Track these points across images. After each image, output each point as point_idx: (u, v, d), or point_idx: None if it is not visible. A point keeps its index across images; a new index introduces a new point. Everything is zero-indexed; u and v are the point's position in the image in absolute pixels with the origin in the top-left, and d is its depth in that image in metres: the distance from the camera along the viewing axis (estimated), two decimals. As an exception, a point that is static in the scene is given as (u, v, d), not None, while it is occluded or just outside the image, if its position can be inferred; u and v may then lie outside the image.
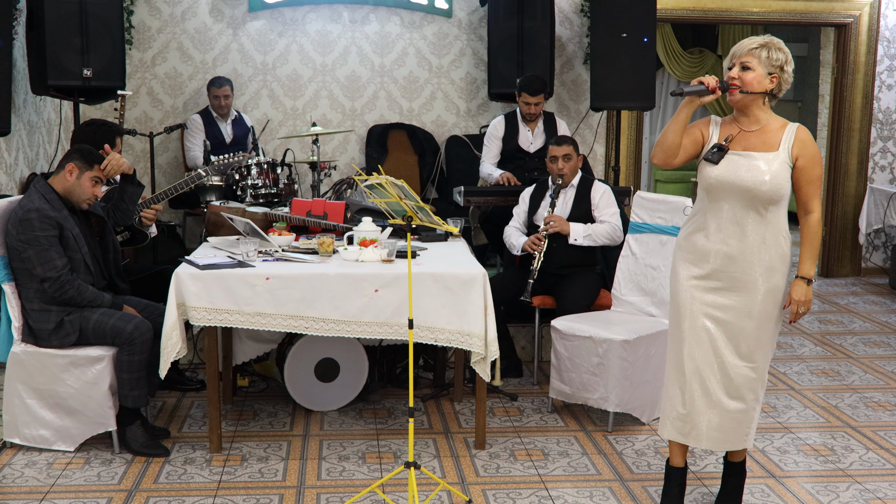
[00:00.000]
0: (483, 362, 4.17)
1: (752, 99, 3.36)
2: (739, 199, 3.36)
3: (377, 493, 3.82)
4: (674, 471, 3.65)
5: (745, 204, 3.36)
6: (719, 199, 3.40)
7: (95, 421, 4.21)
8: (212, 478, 4.00)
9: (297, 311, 4.11)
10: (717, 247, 3.41)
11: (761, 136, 3.38)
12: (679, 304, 3.49)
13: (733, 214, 3.39)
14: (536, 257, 5.11)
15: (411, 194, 3.73)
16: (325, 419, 4.74)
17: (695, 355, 3.44)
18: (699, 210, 3.50)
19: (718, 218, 3.41)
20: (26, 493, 3.83)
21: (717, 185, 3.38)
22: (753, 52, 3.32)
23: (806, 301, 3.46)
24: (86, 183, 4.24)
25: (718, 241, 3.41)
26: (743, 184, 3.33)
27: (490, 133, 6.28)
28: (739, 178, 3.34)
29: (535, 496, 3.85)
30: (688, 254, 3.49)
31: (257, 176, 5.61)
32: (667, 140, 3.38)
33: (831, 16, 8.07)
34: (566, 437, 4.52)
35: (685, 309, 3.46)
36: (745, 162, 3.35)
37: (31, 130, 6.40)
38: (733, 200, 3.37)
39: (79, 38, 5.90)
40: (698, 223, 3.48)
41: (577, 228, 5.16)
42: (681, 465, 3.64)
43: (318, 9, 7.44)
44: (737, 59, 3.35)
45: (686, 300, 3.46)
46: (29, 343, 4.20)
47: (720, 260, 3.41)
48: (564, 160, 5.22)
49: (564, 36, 7.62)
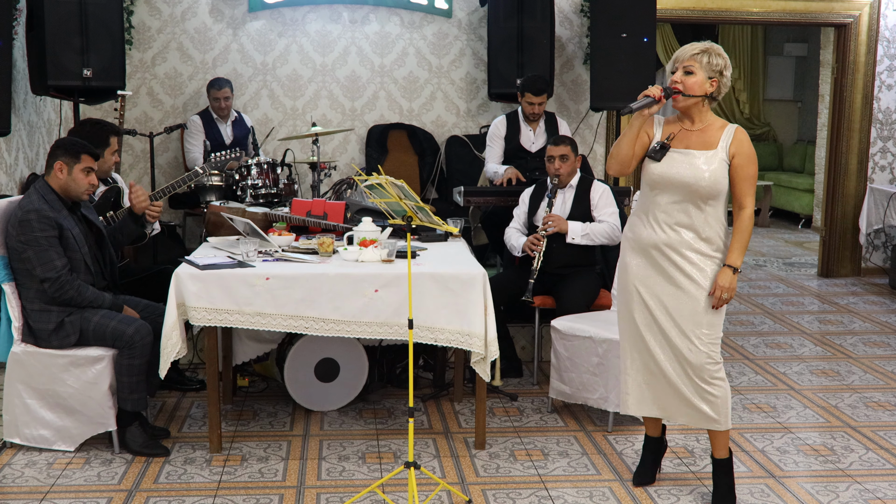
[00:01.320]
0: (483, 362, 4.17)
1: (693, 102, 3.57)
2: (679, 193, 3.59)
3: (377, 493, 3.82)
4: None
5: (685, 198, 3.59)
6: (661, 193, 3.63)
7: (95, 421, 4.21)
8: (212, 478, 4.01)
9: (297, 312, 4.11)
10: (657, 238, 3.65)
11: (701, 136, 3.60)
12: (626, 291, 3.77)
13: (672, 207, 3.62)
14: (536, 257, 5.11)
15: (411, 194, 3.73)
16: (325, 419, 4.74)
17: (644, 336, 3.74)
18: (642, 203, 3.74)
19: (658, 210, 3.65)
20: (26, 493, 3.84)
21: (660, 181, 3.61)
22: (695, 57, 3.52)
23: (730, 288, 3.59)
24: (78, 176, 4.22)
25: (659, 232, 3.64)
26: (683, 179, 3.56)
27: (492, 132, 6.29)
28: (680, 174, 3.56)
29: (534, 496, 3.85)
30: (633, 243, 3.74)
31: (257, 176, 5.61)
32: (621, 152, 3.61)
33: (831, 16, 8.07)
34: (566, 437, 4.52)
35: (632, 295, 3.74)
36: (685, 159, 3.58)
37: (31, 130, 6.41)
38: (674, 195, 3.60)
39: (79, 39, 5.90)
40: (641, 216, 3.72)
41: (574, 227, 5.16)
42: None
43: (317, 9, 7.44)
44: (679, 63, 3.56)
45: (632, 287, 3.74)
46: (29, 343, 4.20)
47: (661, 249, 3.64)
48: (561, 160, 5.22)
49: (564, 36, 7.62)
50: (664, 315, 3.67)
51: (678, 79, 3.55)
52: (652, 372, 3.75)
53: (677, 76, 3.56)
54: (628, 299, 3.77)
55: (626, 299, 3.78)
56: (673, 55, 3.61)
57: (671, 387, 3.70)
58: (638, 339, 3.76)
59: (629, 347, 3.81)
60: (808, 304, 7.48)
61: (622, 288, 3.81)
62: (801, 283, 8.26)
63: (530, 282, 5.08)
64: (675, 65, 3.58)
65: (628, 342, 3.81)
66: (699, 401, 3.65)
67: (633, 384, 3.81)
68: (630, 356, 3.81)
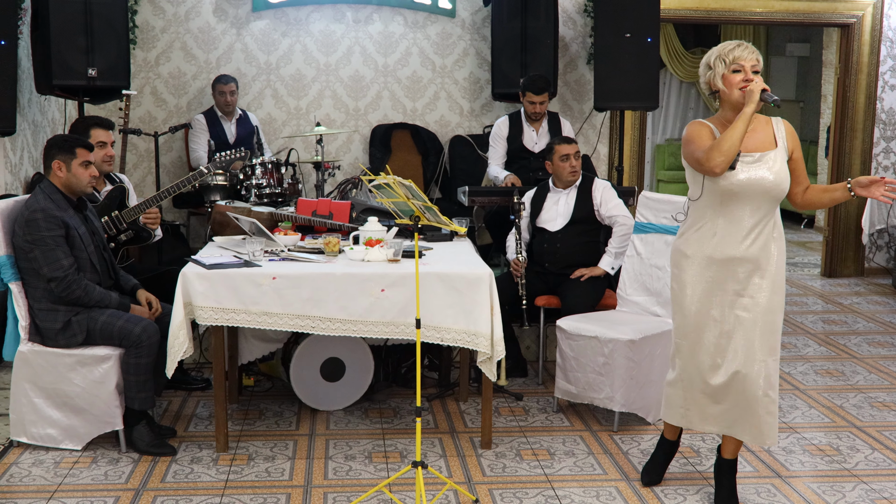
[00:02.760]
0: (489, 362, 4.18)
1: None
2: (756, 200, 3.44)
3: (384, 493, 3.83)
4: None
5: (760, 205, 3.45)
6: (736, 202, 3.46)
7: (102, 420, 4.21)
8: (219, 477, 4.01)
9: (304, 311, 4.11)
10: (735, 251, 3.48)
11: (758, 136, 3.49)
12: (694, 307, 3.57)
13: (748, 216, 3.46)
14: (519, 283, 5.13)
15: (419, 194, 3.74)
16: (331, 419, 4.75)
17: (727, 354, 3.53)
18: (705, 216, 3.54)
19: (735, 221, 3.47)
20: (34, 492, 3.84)
21: (739, 189, 3.43)
22: (758, 58, 3.46)
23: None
24: (78, 171, 4.20)
25: (738, 245, 3.47)
26: (762, 185, 3.42)
27: (495, 133, 6.29)
28: (760, 178, 3.41)
29: (541, 496, 3.85)
30: (700, 260, 3.54)
31: (261, 176, 5.61)
32: (734, 147, 3.35)
33: (834, 16, 8.07)
34: (572, 437, 4.53)
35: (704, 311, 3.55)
36: (759, 163, 3.43)
37: (36, 130, 6.41)
38: (750, 203, 3.44)
39: (83, 38, 5.91)
40: (708, 230, 3.53)
41: (605, 262, 5.20)
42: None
43: (321, 8, 7.44)
44: (745, 62, 3.42)
45: (703, 303, 3.55)
46: (36, 342, 4.20)
47: (734, 264, 3.48)
48: (576, 157, 5.24)
49: (568, 36, 7.62)
50: (740, 328, 3.51)
51: (752, 78, 3.42)
52: (724, 386, 3.55)
53: (748, 75, 3.42)
54: (698, 315, 3.57)
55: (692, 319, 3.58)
56: (720, 52, 3.46)
57: (746, 401, 3.53)
58: (707, 353, 3.56)
59: (695, 362, 3.60)
60: (811, 304, 7.48)
61: (686, 305, 3.60)
62: (805, 284, 8.26)
63: (522, 308, 5.12)
64: (739, 63, 3.42)
65: (693, 355, 3.60)
66: (766, 414, 3.53)
67: (692, 399, 3.65)
68: (696, 370, 3.61)
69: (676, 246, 3.67)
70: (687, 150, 3.52)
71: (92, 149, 4.30)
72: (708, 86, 3.54)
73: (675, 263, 3.66)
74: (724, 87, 3.47)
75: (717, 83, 3.49)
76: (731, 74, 3.44)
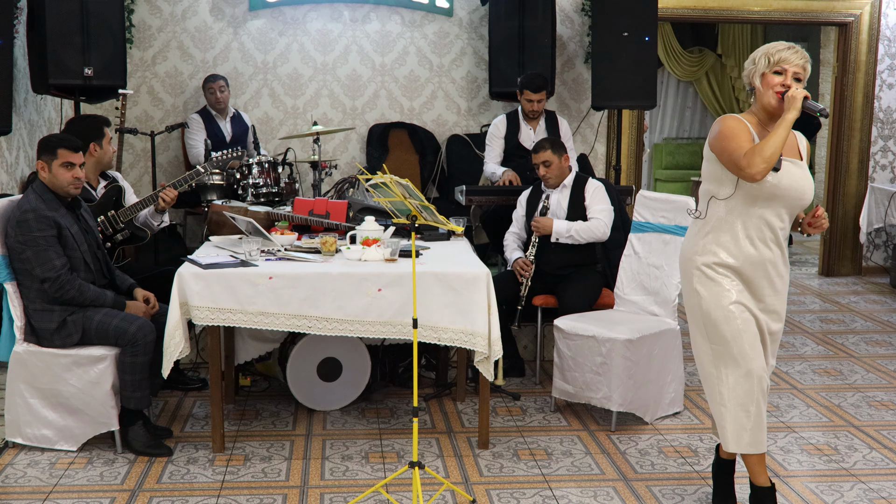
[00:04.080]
0: (486, 362, 4.17)
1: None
2: (787, 206, 3.35)
3: (381, 493, 3.81)
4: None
5: (788, 211, 3.37)
6: (771, 206, 3.34)
7: (98, 420, 4.20)
8: (215, 477, 4.00)
9: (300, 311, 4.10)
10: (763, 255, 3.38)
11: (789, 144, 3.38)
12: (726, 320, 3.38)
13: (778, 221, 3.37)
14: (524, 283, 5.12)
15: (416, 193, 3.72)
16: (328, 419, 4.73)
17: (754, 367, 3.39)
18: (731, 217, 3.37)
19: (765, 225, 3.36)
20: (29, 493, 3.82)
21: (777, 193, 3.31)
22: (805, 65, 3.31)
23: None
24: (58, 172, 4.16)
25: (766, 249, 3.38)
26: (796, 191, 3.33)
27: (492, 132, 6.28)
28: (794, 185, 3.32)
29: (538, 496, 3.84)
30: (725, 264, 3.38)
31: (258, 175, 5.60)
32: (776, 155, 3.19)
33: (832, 15, 8.06)
34: (569, 437, 4.52)
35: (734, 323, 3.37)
36: (794, 168, 3.34)
37: (32, 129, 6.39)
38: (784, 208, 3.36)
39: (80, 37, 5.89)
40: (736, 231, 3.37)
41: (559, 227, 5.13)
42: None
43: (318, 8, 7.42)
44: (789, 66, 3.29)
45: (737, 307, 3.38)
46: (31, 343, 4.19)
47: (763, 266, 3.39)
48: (545, 166, 5.22)
49: (565, 35, 7.61)
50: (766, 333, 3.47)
51: (790, 84, 3.28)
52: (763, 392, 3.43)
53: (788, 80, 3.29)
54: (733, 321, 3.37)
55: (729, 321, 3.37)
56: (768, 50, 3.32)
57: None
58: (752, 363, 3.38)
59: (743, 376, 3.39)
60: (809, 303, 7.47)
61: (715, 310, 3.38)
62: (802, 282, 8.26)
63: (518, 308, 5.11)
64: (782, 66, 3.29)
65: (734, 367, 3.39)
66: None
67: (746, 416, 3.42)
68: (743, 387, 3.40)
69: (696, 248, 3.45)
70: (722, 145, 3.33)
71: (78, 149, 4.23)
72: (748, 81, 3.40)
73: (696, 266, 3.43)
74: (760, 85, 3.34)
75: (755, 80, 3.36)
76: (772, 75, 3.31)
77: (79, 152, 4.22)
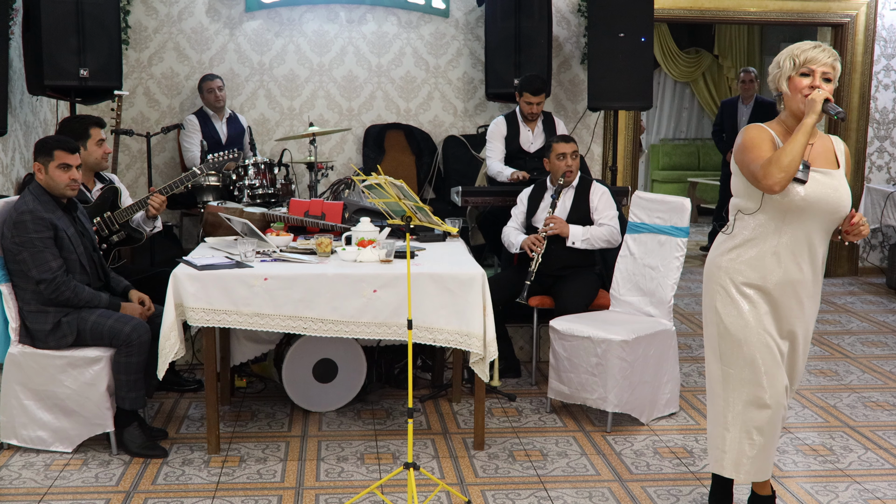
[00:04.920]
0: (482, 363, 4.17)
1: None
2: (820, 220, 3.16)
3: (376, 494, 3.81)
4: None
5: (822, 225, 3.18)
6: (800, 220, 3.16)
7: (93, 422, 4.20)
8: (210, 479, 3.99)
9: (296, 312, 4.10)
10: (793, 274, 3.21)
11: (820, 151, 3.21)
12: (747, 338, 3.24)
13: (812, 237, 3.19)
14: (535, 258, 5.10)
15: (410, 194, 3.72)
16: (324, 420, 4.73)
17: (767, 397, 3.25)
18: (764, 234, 3.21)
19: (795, 241, 3.19)
20: (24, 495, 3.82)
21: (805, 206, 3.12)
22: (835, 64, 3.13)
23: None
24: (55, 173, 4.16)
25: (796, 268, 3.21)
26: (829, 204, 3.14)
27: (493, 131, 6.27)
28: (828, 197, 3.13)
29: (534, 497, 3.84)
30: (751, 283, 3.23)
31: (254, 176, 5.60)
32: (795, 163, 3.03)
33: (828, 15, 8.07)
34: (565, 438, 4.52)
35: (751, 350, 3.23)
36: (826, 179, 3.14)
37: (28, 131, 6.39)
38: (813, 222, 3.16)
39: (75, 38, 5.88)
40: (764, 248, 3.21)
41: (575, 231, 5.15)
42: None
43: (315, 9, 7.43)
44: (817, 66, 3.11)
45: (756, 332, 3.23)
46: (26, 344, 4.19)
47: (792, 287, 3.22)
48: (573, 157, 5.22)
49: (561, 36, 7.62)
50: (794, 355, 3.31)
51: (820, 85, 3.10)
52: (773, 424, 3.28)
53: (817, 81, 3.11)
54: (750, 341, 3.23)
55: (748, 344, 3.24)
56: (793, 51, 3.15)
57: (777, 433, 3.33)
58: (757, 384, 3.24)
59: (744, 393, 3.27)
60: (805, 303, 7.47)
61: (737, 331, 3.25)
62: (799, 283, 8.25)
63: (526, 283, 5.06)
64: (809, 66, 3.11)
65: (743, 385, 3.26)
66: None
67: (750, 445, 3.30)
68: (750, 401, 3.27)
69: (720, 263, 3.29)
70: (743, 158, 3.17)
71: (75, 151, 4.24)
72: (774, 86, 3.21)
73: (720, 282, 3.28)
74: (787, 90, 3.16)
75: (781, 85, 3.17)
76: (798, 78, 3.13)
77: (75, 153, 4.23)
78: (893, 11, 8.16)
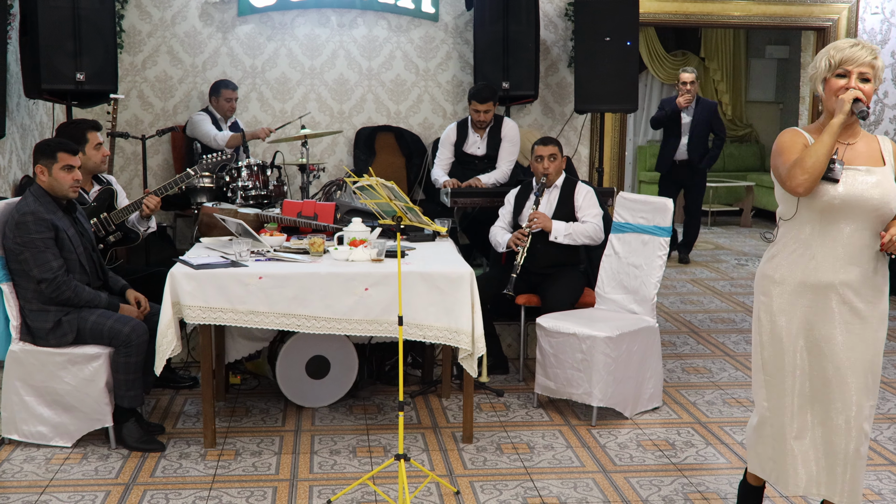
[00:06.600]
0: (470, 359, 4.29)
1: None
2: (862, 219, 3.04)
3: (368, 485, 3.93)
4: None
5: (867, 225, 3.04)
6: (839, 220, 3.05)
7: (92, 417, 4.31)
8: (207, 471, 4.11)
9: (290, 310, 4.21)
10: (835, 277, 3.08)
11: (863, 150, 3.09)
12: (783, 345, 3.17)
13: (855, 238, 3.06)
14: (520, 252, 5.23)
15: (401, 195, 3.84)
16: (316, 415, 4.85)
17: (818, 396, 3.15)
18: (802, 237, 3.13)
19: (836, 243, 3.07)
20: (26, 488, 3.93)
21: (842, 205, 3.02)
22: (874, 63, 3.02)
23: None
24: (59, 175, 4.27)
25: (838, 271, 3.08)
26: (870, 201, 3.01)
27: (443, 139, 6.53)
28: (868, 195, 3.01)
29: (520, 487, 3.97)
30: (792, 286, 3.14)
31: (247, 178, 5.70)
32: (819, 164, 2.97)
33: (810, 19, 8.21)
34: (551, 431, 4.64)
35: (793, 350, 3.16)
36: (866, 178, 3.03)
37: (24, 134, 6.48)
38: (855, 221, 3.04)
39: (71, 43, 5.97)
40: (800, 250, 3.13)
41: (558, 226, 5.28)
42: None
43: (306, 13, 7.53)
44: (853, 66, 3.01)
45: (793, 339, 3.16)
46: (27, 342, 4.29)
47: (839, 291, 3.08)
48: (550, 160, 5.34)
49: (549, 39, 7.74)
50: (834, 366, 3.10)
51: (854, 85, 3.00)
52: (824, 438, 3.15)
53: (853, 82, 3.01)
54: (786, 353, 3.17)
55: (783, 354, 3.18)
56: (830, 52, 3.05)
57: (835, 455, 3.13)
58: (797, 394, 3.17)
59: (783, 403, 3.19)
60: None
61: (775, 338, 3.19)
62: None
63: (512, 276, 5.18)
64: (846, 67, 3.01)
65: (782, 395, 3.19)
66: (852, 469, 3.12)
67: (781, 449, 3.21)
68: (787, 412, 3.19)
69: (764, 271, 3.24)
70: (774, 162, 3.13)
71: (76, 152, 4.36)
72: (814, 88, 3.10)
73: (764, 291, 3.22)
74: (822, 91, 3.07)
75: (818, 86, 3.08)
76: (834, 79, 3.04)
77: (77, 155, 4.35)
78: (874, 15, 8.31)
